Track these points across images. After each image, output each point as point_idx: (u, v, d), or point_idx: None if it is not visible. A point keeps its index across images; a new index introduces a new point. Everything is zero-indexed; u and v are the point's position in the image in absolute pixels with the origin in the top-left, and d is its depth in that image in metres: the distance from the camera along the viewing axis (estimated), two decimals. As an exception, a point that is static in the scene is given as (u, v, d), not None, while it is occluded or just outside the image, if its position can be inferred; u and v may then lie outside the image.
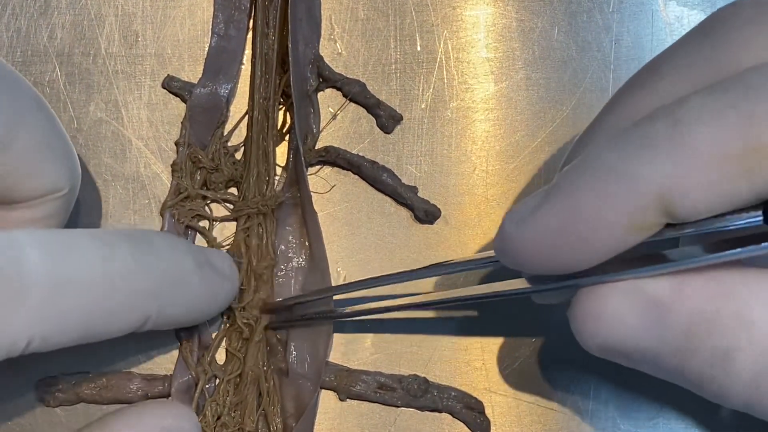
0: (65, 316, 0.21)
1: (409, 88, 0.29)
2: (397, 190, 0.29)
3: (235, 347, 0.28)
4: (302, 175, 0.29)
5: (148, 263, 0.22)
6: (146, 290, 0.22)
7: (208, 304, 0.25)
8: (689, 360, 0.19)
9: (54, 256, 0.20)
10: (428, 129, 0.29)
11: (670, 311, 0.19)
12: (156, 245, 0.23)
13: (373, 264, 0.29)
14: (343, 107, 0.29)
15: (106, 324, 0.22)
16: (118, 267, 0.22)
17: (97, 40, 0.29)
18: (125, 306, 0.22)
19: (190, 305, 0.25)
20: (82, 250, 0.21)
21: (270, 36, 0.29)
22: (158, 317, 0.23)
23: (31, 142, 0.22)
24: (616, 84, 0.29)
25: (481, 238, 0.29)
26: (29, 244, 0.20)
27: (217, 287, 0.25)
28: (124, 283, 0.22)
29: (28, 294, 0.20)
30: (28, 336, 0.20)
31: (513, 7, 0.29)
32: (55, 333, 0.21)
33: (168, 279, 0.23)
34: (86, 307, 0.21)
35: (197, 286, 0.24)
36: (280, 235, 0.29)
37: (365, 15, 0.30)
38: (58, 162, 0.23)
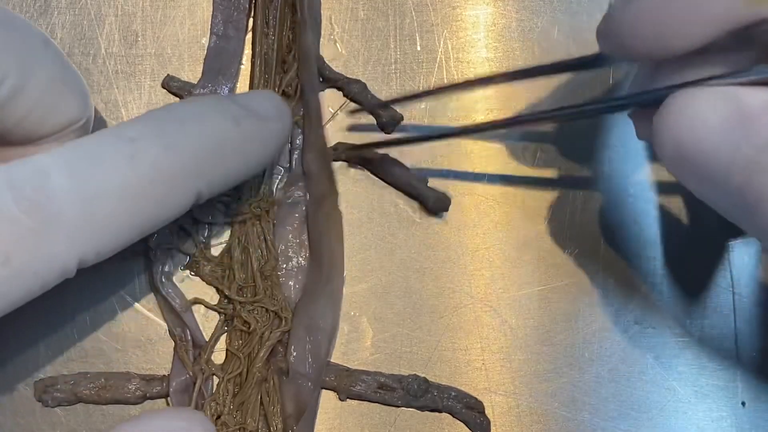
0: (108, 225, 0.21)
1: (409, 88, 0.29)
2: (408, 181, 0.29)
3: (236, 347, 0.28)
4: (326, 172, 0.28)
5: (179, 145, 0.22)
6: (186, 171, 0.22)
7: (260, 155, 0.24)
8: (758, 175, 0.18)
9: (79, 172, 0.20)
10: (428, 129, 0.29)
11: (755, 122, 0.18)
12: (185, 121, 0.22)
13: (373, 264, 0.29)
14: (343, 107, 0.29)
15: (155, 216, 0.22)
16: (148, 161, 0.21)
17: (97, 40, 0.29)
18: (168, 194, 0.22)
19: (239, 165, 0.23)
20: (106, 157, 0.21)
21: (269, 36, 0.29)
22: (210, 188, 0.23)
23: (45, 79, 0.22)
24: (616, 83, 0.29)
25: (481, 238, 0.29)
26: (52, 166, 0.20)
27: (265, 134, 0.24)
28: (159, 174, 0.21)
29: (63, 217, 0.20)
30: (77, 256, 0.20)
31: (513, 6, 0.30)
32: (104, 244, 0.21)
33: (206, 152, 0.22)
34: (128, 210, 0.21)
35: (241, 144, 0.23)
36: (279, 235, 0.29)
37: (365, 15, 0.30)
38: (72, 95, 0.23)
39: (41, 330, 0.28)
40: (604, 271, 0.29)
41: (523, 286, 0.29)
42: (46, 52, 0.23)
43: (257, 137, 0.24)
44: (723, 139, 0.19)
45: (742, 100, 0.19)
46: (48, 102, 0.22)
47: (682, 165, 0.20)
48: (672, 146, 0.20)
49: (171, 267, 0.28)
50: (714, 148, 0.19)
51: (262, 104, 0.24)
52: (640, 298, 0.29)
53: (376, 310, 0.29)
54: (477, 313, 0.29)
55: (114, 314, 0.28)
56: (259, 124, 0.24)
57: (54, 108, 0.23)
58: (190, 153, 0.22)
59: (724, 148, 0.19)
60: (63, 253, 0.20)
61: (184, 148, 0.22)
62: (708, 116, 0.19)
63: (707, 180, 0.20)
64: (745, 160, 0.18)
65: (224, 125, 0.23)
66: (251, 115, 0.24)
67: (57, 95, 0.23)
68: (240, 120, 0.23)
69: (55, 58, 0.23)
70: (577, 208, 0.29)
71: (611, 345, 0.29)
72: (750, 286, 0.29)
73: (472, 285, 0.29)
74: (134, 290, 0.29)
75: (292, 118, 0.26)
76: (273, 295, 0.28)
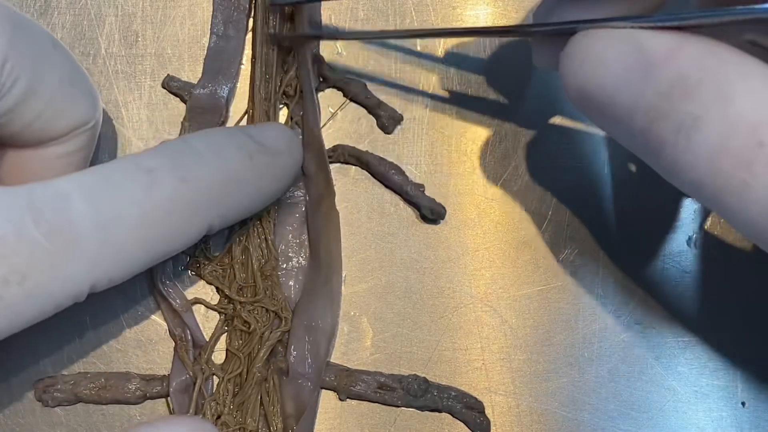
0: (122, 252, 0.21)
1: (408, 89, 0.29)
2: (404, 188, 0.29)
3: (236, 347, 0.28)
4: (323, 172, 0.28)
5: (195, 179, 0.22)
6: (200, 203, 0.22)
7: (272, 188, 0.25)
8: (659, 122, 0.18)
9: (98, 198, 0.21)
10: (428, 129, 0.29)
11: (658, 69, 0.18)
12: (201, 154, 0.23)
13: (373, 263, 0.29)
14: (343, 107, 0.29)
15: (168, 245, 0.22)
16: (164, 191, 0.21)
17: (97, 40, 0.29)
18: (182, 225, 0.22)
19: (252, 198, 0.24)
20: (125, 186, 0.21)
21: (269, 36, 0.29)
22: (222, 220, 0.23)
23: (55, 81, 0.22)
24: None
25: (481, 238, 0.29)
26: (73, 191, 0.20)
27: (277, 169, 0.25)
28: (174, 205, 0.22)
29: (80, 242, 0.20)
30: (90, 281, 0.21)
31: (512, 7, 0.30)
32: (116, 270, 0.21)
33: (221, 185, 0.23)
34: (142, 238, 0.21)
35: (254, 178, 0.24)
36: (279, 235, 0.29)
37: (365, 15, 0.30)
38: (82, 96, 0.23)
39: (41, 330, 0.28)
40: (604, 271, 0.29)
41: (523, 286, 0.29)
42: (55, 53, 0.23)
43: (269, 172, 0.24)
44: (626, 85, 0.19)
45: (646, 45, 0.19)
46: (58, 104, 0.23)
47: (587, 106, 0.20)
48: (576, 89, 0.20)
49: (171, 267, 0.28)
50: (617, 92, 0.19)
51: (275, 138, 0.25)
52: (640, 298, 0.29)
53: (376, 310, 0.29)
54: (477, 313, 0.29)
55: (114, 314, 0.28)
56: (272, 159, 0.24)
57: (64, 110, 0.23)
58: (205, 186, 0.22)
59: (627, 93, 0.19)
60: (78, 276, 0.20)
61: (199, 182, 0.22)
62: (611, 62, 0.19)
63: (611, 122, 0.20)
64: (648, 106, 0.19)
65: (239, 160, 0.23)
66: (264, 150, 0.24)
67: (67, 97, 0.23)
68: (254, 155, 0.24)
69: (64, 59, 0.23)
70: (577, 208, 0.29)
71: (611, 345, 0.29)
72: (750, 285, 0.29)
73: (472, 285, 0.29)
74: (134, 290, 0.29)
75: (302, 152, 0.27)
76: (273, 295, 0.28)
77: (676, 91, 0.18)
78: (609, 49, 0.19)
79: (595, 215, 0.29)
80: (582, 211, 0.29)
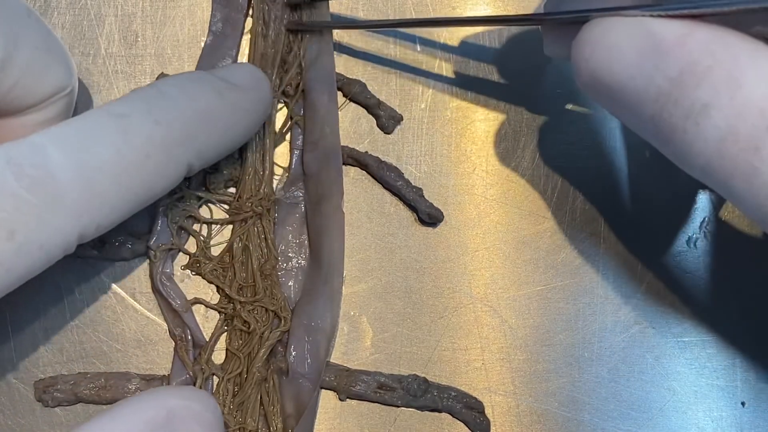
0: (106, 198, 0.21)
1: (408, 89, 0.29)
2: (402, 192, 0.29)
3: (236, 347, 0.28)
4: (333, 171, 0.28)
5: (167, 118, 0.23)
6: (175, 142, 0.23)
7: (245, 123, 0.25)
8: (669, 107, 0.19)
9: (75, 148, 0.21)
10: (428, 129, 0.29)
11: (668, 55, 0.19)
12: (171, 96, 0.23)
13: (373, 263, 0.29)
14: (343, 107, 0.29)
15: (151, 187, 0.22)
16: (138, 134, 0.22)
17: (97, 40, 0.29)
18: (161, 164, 0.22)
19: (227, 133, 0.25)
20: (99, 133, 0.22)
21: (268, 36, 0.29)
22: (200, 158, 0.24)
23: (31, 48, 0.23)
24: None
25: (481, 238, 0.29)
26: (48, 144, 0.21)
27: (247, 103, 0.25)
28: (151, 146, 0.22)
29: (62, 192, 0.20)
30: (78, 229, 0.21)
31: (512, 7, 0.30)
32: (102, 216, 0.21)
33: (193, 123, 0.23)
34: (123, 183, 0.22)
35: (226, 114, 0.24)
36: (279, 235, 0.29)
37: (365, 15, 0.30)
38: (58, 63, 0.24)
39: (41, 330, 0.28)
40: (604, 271, 0.29)
41: (523, 286, 0.29)
42: (29, 21, 0.23)
43: (239, 107, 0.25)
44: (637, 71, 0.19)
45: (657, 32, 0.19)
46: (34, 71, 0.23)
47: (599, 92, 0.20)
48: (588, 75, 0.20)
49: (171, 267, 0.28)
50: (628, 79, 0.19)
51: (241, 76, 0.26)
52: (640, 298, 0.29)
53: (375, 310, 0.29)
54: (477, 313, 0.29)
55: (114, 314, 0.28)
56: (241, 95, 0.25)
57: (40, 76, 0.23)
58: (178, 125, 0.23)
59: (638, 79, 0.19)
60: (65, 226, 0.21)
61: (173, 121, 0.23)
62: (622, 48, 0.19)
63: (622, 108, 0.20)
64: (658, 92, 0.19)
65: (209, 97, 0.24)
66: (232, 87, 0.25)
67: (42, 64, 0.23)
68: (222, 92, 0.24)
69: (39, 27, 0.23)
70: (577, 208, 0.29)
71: (611, 345, 0.29)
72: (749, 286, 0.29)
73: (472, 285, 0.29)
74: (134, 291, 0.29)
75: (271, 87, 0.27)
76: (273, 294, 0.28)
77: (686, 77, 0.18)
78: (621, 36, 0.19)
79: (595, 216, 0.29)
80: (582, 211, 0.29)
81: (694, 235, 0.29)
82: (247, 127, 0.26)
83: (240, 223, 0.29)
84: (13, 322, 0.28)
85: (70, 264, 0.28)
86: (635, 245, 0.29)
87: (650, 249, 0.29)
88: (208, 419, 0.22)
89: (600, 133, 0.29)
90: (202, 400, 0.22)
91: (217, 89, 0.24)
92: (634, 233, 0.29)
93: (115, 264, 0.29)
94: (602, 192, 0.29)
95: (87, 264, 0.28)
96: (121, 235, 0.28)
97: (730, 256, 0.29)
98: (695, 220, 0.29)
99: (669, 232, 0.29)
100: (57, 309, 0.28)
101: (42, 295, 0.28)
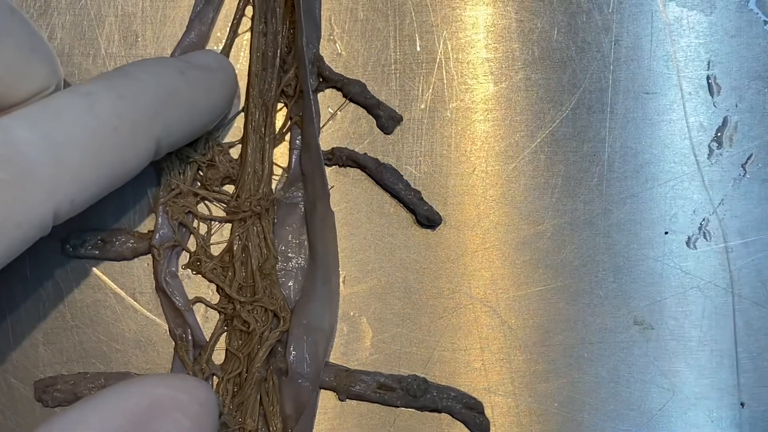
0: (77, 172, 0.22)
1: (408, 89, 0.29)
2: (400, 194, 0.29)
3: (236, 347, 0.28)
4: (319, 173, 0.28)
5: (132, 94, 0.23)
6: (142, 118, 0.23)
7: (210, 102, 0.26)
8: None
9: (41, 124, 0.21)
10: (428, 129, 0.29)
11: None
12: (134, 75, 0.24)
13: (373, 264, 0.29)
14: (343, 107, 0.29)
15: (122, 163, 0.23)
16: (105, 110, 0.22)
17: (97, 41, 0.29)
18: (130, 139, 0.23)
19: (192, 112, 0.25)
20: (65, 110, 0.22)
21: (267, 35, 0.29)
22: (169, 135, 0.24)
23: (13, 45, 0.23)
24: (616, 84, 0.29)
25: (480, 239, 0.29)
26: (13, 122, 0.21)
27: (211, 82, 0.26)
28: (117, 120, 0.22)
29: (34, 168, 0.21)
30: (52, 206, 0.21)
31: (512, 7, 0.30)
32: (76, 191, 0.22)
33: (157, 99, 0.24)
34: (94, 157, 0.22)
35: (189, 91, 0.25)
36: (279, 235, 0.29)
37: (365, 16, 0.30)
38: (42, 62, 0.24)
39: (41, 330, 0.28)
40: (604, 271, 0.29)
41: (522, 286, 0.29)
42: (12, 19, 0.23)
43: (202, 85, 0.26)
44: None
45: None
46: (17, 69, 0.23)
47: None
48: None
49: (176, 265, 0.29)
50: None
51: (203, 58, 0.27)
52: (640, 298, 0.29)
53: (375, 310, 0.29)
54: (476, 313, 0.29)
55: (114, 315, 0.28)
56: (203, 74, 0.26)
57: (23, 75, 0.23)
58: (143, 101, 0.23)
59: None
60: (40, 203, 0.21)
61: (137, 97, 0.23)
62: None
63: None
64: None
65: (171, 76, 0.25)
66: (194, 66, 0.26)
67: (26, 62, 0.23)
68: (184, 71, 0.25)
69: (23, 25, 0.23)
70: (576, 209, 0.29)
71: (611, 345, 0.29)
72: (750, 285, 0.29)
73: (472, 285, 0.29)
74: (134, 291, 0.29)
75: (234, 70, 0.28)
76: (272, 294, 0.28)
77: None
78: None
79: (594, 216, 0.29)
80: (581, 212, 0.29)
81: (694, 235, 0.29)
82: (213, 106, 0.26)
83: (239, 223, 0.29)
84: (13, 323, 0.28)
85: (70, 264, 0.28)
86: (635, 246, 0.29)
87: (649, 249, 0.29)
88: (195, 411, 0.22)
89: (600, 133, 0.29)
90: (191, 390, 0.22)
91: (179, 68, 0.25)
92: (634, 234, 0.29)
93: (115, 264, 0.29)
94: (601, 192, 0.29)
95: (87, 264, 0.28)
96: (122, 235, 0.28)
97: (730, 256, 0.29)
98: (695, 220, 0.29)
99: (669, 233, 0.29)
100: (57, 309, 0.28)
101: (42, 295, 0.28)
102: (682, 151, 0.29)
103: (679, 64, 0.29)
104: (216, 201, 0.29)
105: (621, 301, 0.29)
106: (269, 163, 0.29)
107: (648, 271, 0.29)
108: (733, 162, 0.29)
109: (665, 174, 0.29)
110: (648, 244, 0.29)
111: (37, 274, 0.28)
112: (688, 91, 0.29)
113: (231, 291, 0.28)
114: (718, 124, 0.29)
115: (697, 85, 0.29)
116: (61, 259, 0.28)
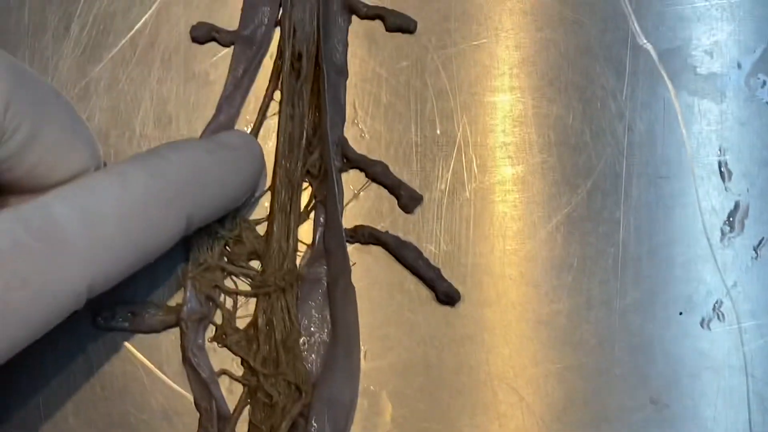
0: (111, 247, 0.23)
1: (429, 170, 0.30)
2: (420, 272, 0.30)
3: (259, 419, 0.29)
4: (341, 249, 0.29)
5: (162, 173, 0.24)
6: (171, 195, 0.24)
7: (238, 179, 0.27)
8: None
9: (78, 201, 0.22)
10: (447, 209, 0.30)
11: None
12: (165, 156, 0.25)
13: (393, 340, 0.30)
14: (365, 187, 0.30)
15: (154, 239, 0.24)
16: (136, 187, 0.23)
17: (133, 123, 0.30)
18: (161, 215, 0.24)
19: (220, 188, 0.26)
20: (100, 187, 0.23)
21: (295, 117, 0.30)
22: (199, 212, 0.25)
23: (57, 129, 0.24)
24: (630, 169, 0.30)
25: (499, 316, 0.30)
26: (53, 200, 0.22)
27: (237, 161, 0.27)
28: (149, 197, 0.24)
29: (70, 241, 0.22)
30: (87, 279, 0.22)
31: (529, 94, 0.31)
32: (110, 266, 0.23)
33: (188, 178, 0.25)
34: (127, 232, 0.23)
35: (217, 169, 0.26)
36: (302, 310, 0.30)
37: (388, 100, 0.31)
38: (83, 145, 0.25)
39: (71, 402, 0.29)
40: (620, 350, 0.29)
41: (540, 364, 0.29)
42: (57, 102, 0.24)
43: (230, 164, 0.27)
44: None
45: None
46: (59, 151, 0.24)
47: None
48: None
49: (204, 338, 0.29)
50: None
51: (230, 138, 0.28)
52: (656, 377, 0.29)
53: (395, 385, 0.29)
54: (494, 390, 0.29)
55: (142, 386, 0.29)
56: (230, 153, 0.27)
57: (64, 157, 0.24)
58: (174, 179, 0.25)
59: None
60: (74, 275, 0.22)
61: (168, 176, 0.24)
62: None
63: None
64: None
65: (200, 155, 0.26)
66: (222, 146, 0.27)
67: (67, 145, 0.24)
68: (212, 151, 0.26)
69: (66, 108, 0.25)
70: (593, 288, 0.30)
71: (628, 423, 0.29)
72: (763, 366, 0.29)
73: (490, 362, 0.29)
74: (161, 363, 0.29)
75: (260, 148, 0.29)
76: (295, 367, 0.29)
77: None
78: None
79: (611, 296, 0.30)
80: (597, 291, 0.30)
81: (708, 316, 0.30)
82: (240, 183, 0.27)
83: (264, 297, 0.29)
84: (44, 395, 0.29)
85: (101, 337, 0.29)
86: (650, 326, 0.30)
87: (665, 330, 0.30)
88: None
89: (614, 216, 0.30)
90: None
91: (208, 148, 0.26)
92: (650, 314, 0.30)
93: (143, 336, 0.29)
94: (617, 273, 0.30)
95: (117, 336, 0.29)
96: (152, 308, 0.29)
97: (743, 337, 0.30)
98: (709, 301, 0.30)
99: (683, 313, 0.30)
100: (87, 382, 0.29)
101: (72, 367, 0.29)
102: (695, 234, 0.30)
103: (691, 149, 0.30)
104: (242, 276, 0.30)
105: (637, 380, 0.29)
106: (294, 240, 0.30)
107: (663, 351, 0.29)
108: (746, 245, 0.30)
109: (679, 256, 0.30)
110: (663, 325, 0.30)
111: (68, 345, 0.29)
112: (700, 176, 0.30)
113: (255, 363, 0.29)
114: (730, 208, 0.30)
115: (709, 170, 0.30)
116: (92, 331, 0.29)
